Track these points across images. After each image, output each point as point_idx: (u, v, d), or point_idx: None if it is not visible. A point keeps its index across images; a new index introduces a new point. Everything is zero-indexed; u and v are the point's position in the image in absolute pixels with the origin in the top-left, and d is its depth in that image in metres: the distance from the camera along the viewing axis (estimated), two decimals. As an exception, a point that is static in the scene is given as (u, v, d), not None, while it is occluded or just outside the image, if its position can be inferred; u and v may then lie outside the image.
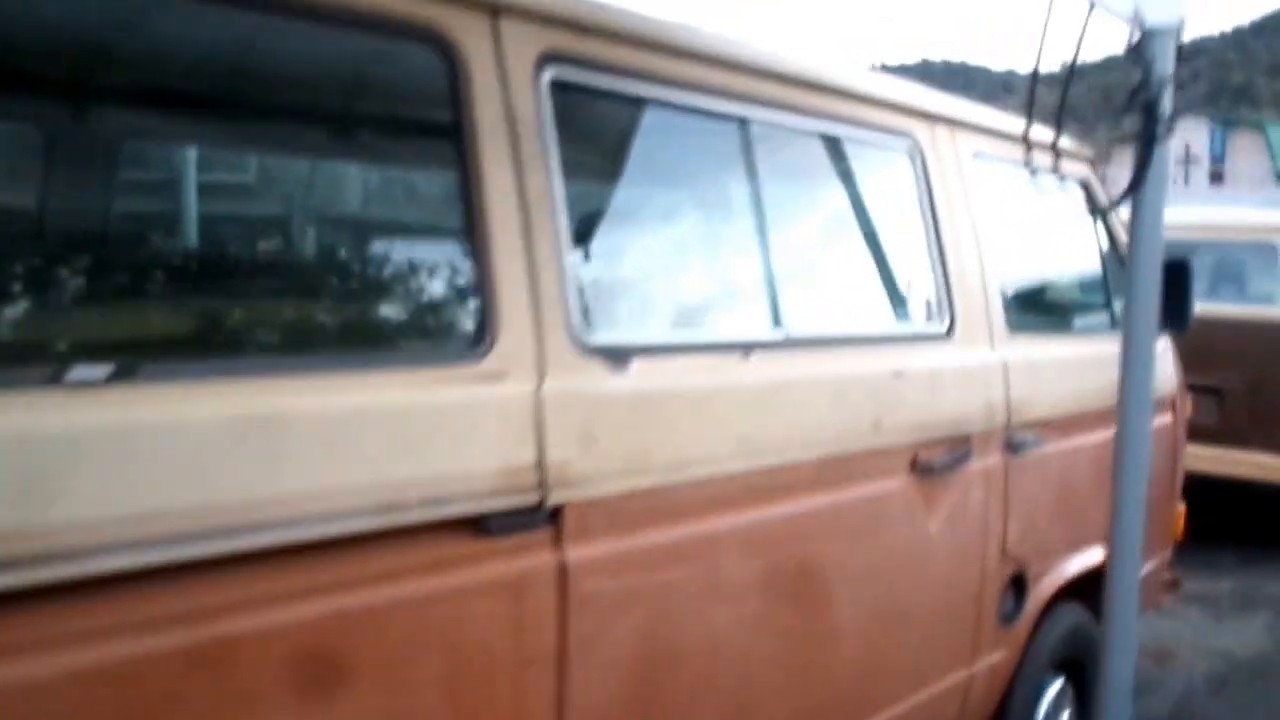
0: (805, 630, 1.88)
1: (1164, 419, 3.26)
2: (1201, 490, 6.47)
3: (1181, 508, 3.53)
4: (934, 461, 2.14)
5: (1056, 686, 2.81)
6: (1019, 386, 2.44)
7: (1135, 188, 1.59)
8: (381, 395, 1.29)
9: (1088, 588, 2.95)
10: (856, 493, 1.96)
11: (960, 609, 2.31)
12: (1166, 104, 1.55)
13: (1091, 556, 2.81)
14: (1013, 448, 2.42)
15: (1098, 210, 3.07)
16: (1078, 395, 2.71)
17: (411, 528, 1.30)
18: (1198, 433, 6.08)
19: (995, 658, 2.46)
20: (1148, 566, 3.24)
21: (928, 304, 2.29)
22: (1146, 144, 1.54)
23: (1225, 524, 6.47)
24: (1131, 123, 1.59)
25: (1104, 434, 2.83)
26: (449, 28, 1.42)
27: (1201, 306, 6.13)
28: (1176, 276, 2.92)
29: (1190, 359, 6.09)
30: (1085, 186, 3.06)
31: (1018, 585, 2.52)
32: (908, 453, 2.09)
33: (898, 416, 2.05)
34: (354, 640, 1.26)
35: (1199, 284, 6.39)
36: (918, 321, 2.28)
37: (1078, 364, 2.76)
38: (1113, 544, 1.69)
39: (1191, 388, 6.13)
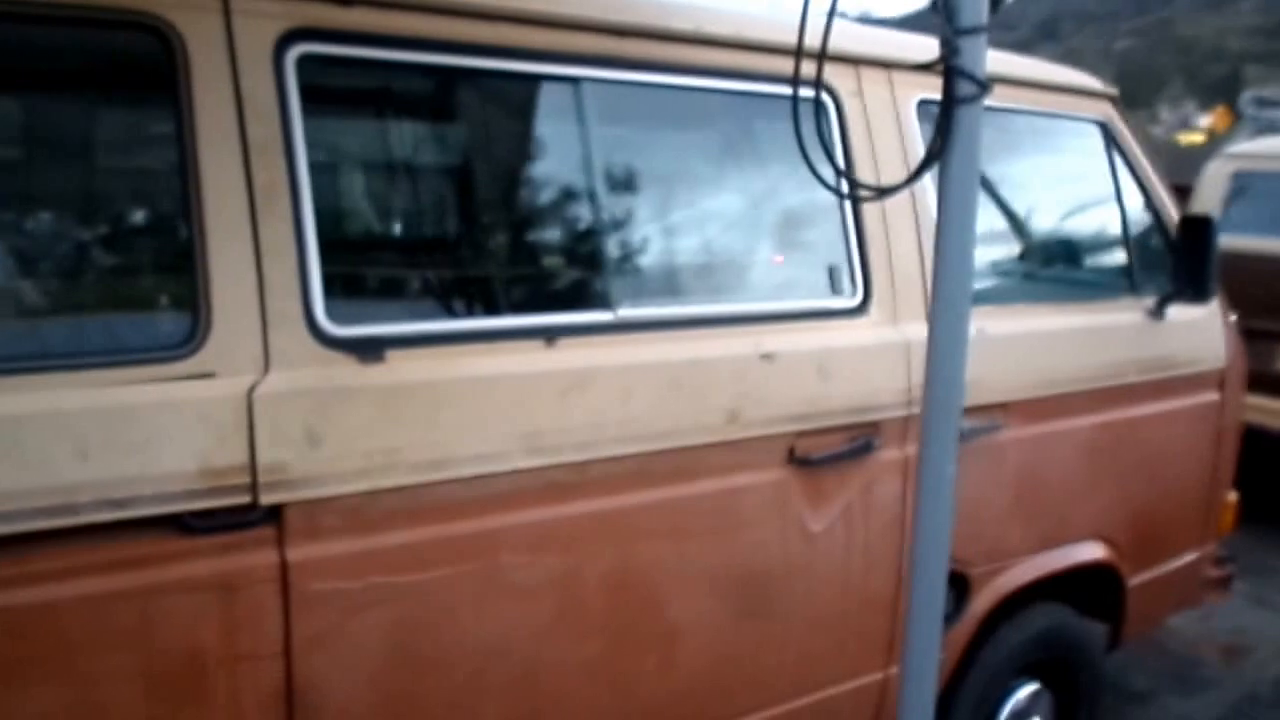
0: (626, 633, 1.77)
1: (1203, 398, 2.90)
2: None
3: (1232, 497, 3.15)
4: (818, 454, 1.97)
5: (1026, 692, 2.58)
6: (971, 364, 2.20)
7: (933, 159, 1.36)
8: (59, 397, 1.28)
9: (1079, 588, 2.70)
10: (700, 488, 1.82)
11: (867, 610, 2.14)
12: (975, 59, 1.32)
13: (1071, 554, 2.55)
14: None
15: (1118, 156, 2.71)
16: (1061, 374, 2.43)
17: (90, 527, 1.29)
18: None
19: (925, 661, 2.27)
20: (1173, 564, 2.93)
21: (833, 277, 2.09)
22: (945, 108, 1.32)
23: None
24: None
25: (1099, 417, 2.57)
26: (169, 9, 1.37)
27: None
28: (1197, 236, 2.57)
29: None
30: (1104, 129, 2.70)
31: (957, 585, 2.31)
32: (781, 444, 1.93)
33: (766, 405, 1.89)
34: (30, 634, 1.28)
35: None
36: (815, 297, 2.08)
37: (1068, 338, 2.47)
38: (914, 564, 1.49)
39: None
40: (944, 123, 1.34)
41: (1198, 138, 27.14)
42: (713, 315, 1.88)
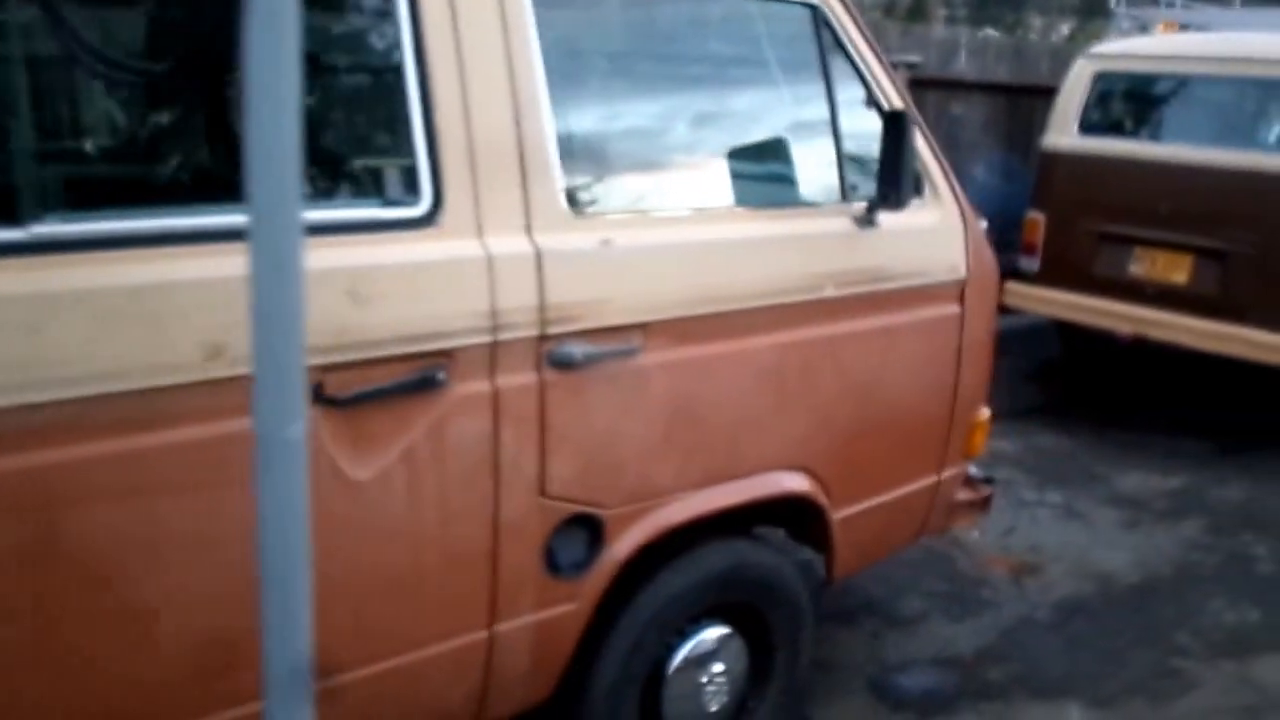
0: (72, 617, 1.49)
1: (935, 311, 2.63)
2: (1185, 366, 5.66)
3: (984, 415, 2.91)
4: (351, 391, 1.67)
5: (710, 635, 2.35)
6: (574, 283, 1.90)
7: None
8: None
9: (785, 520, 2.47)
10: (174, 438, 1.52)
11: (454, 566, 1.87)
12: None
13: (749, 488, 2.29)
14: (559, 362, 1.90)
15: (834, 45, 2.37)
16: (726, 289, 2.14)
17: None
18: (1193, 303, 5.26)
19: (548, 613, 2.02)
20: (900, 492, 2.70)
21: (384, 182, 1.76)
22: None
23: (1209, 411, 5.67)
24: None
25: (784, 336, 2.29)
26: None
27: (1208, 154, 5.24)
28: (892, 134, 2.26)
29: (1192, 215, 5.22)
30: (815, 13, 2.36)
31: (590, 529, 2.05)
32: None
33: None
34: None
35: (1208, 126, 5.46)
36: (351, 207, 1.75)
37: (735, 248, 2.17)
38: (262, 561, 1.18)
39: (1191, 249, 5.29)
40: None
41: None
42: (186, 230, 1.54)
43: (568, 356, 1.90)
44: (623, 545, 2.09)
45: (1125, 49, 5.75)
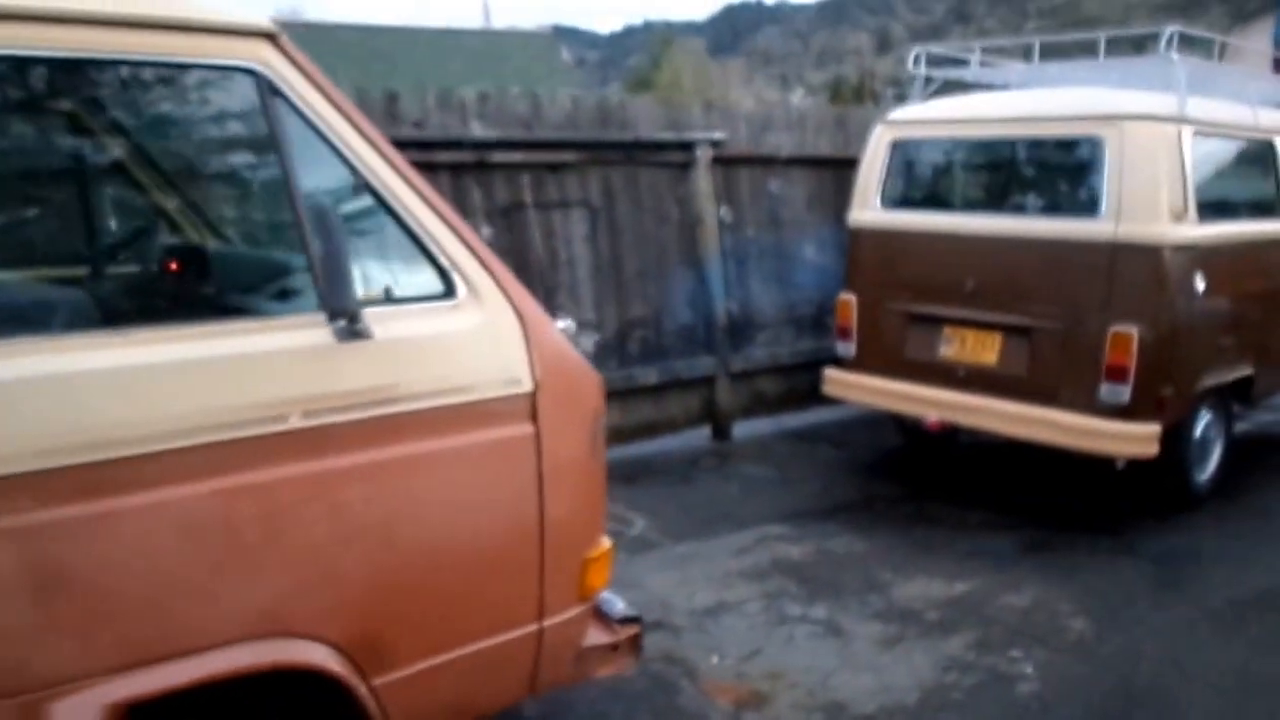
0: None
1: (495, 432, 2.23)
2: (1020, 451, 5.25)
3: (595, 550, 2.49)
4: None
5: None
6: None
7: None
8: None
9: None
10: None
11: None
12: None
13: (188, 668, 1.86)
14: None
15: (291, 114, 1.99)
16: (118, 428, 1.74)
17: None
18: (1004, 385, 4.87)
19: None
20: (479, 646, 2.27)
21: None
22: None
23: (1034, 497, 5.27)
24: None
25: (227, 480, 1.88)
26: None
27: (1006, 223, 4.91)
28: (320, 229, 1.90)
29: (997, 291, 4.86)
30: (258, 79, 1.98)
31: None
32: None
33: None
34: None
35: (1005, 193, 5.14)
36: None
37: (136, 378, 1.78)
38: None
39: (998, 327, 4.92)
40: None
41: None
42: None
43: None
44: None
45: (918, 114, 5.46)
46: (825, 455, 6.10)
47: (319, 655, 2.02)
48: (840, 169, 6.45)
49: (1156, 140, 4.42)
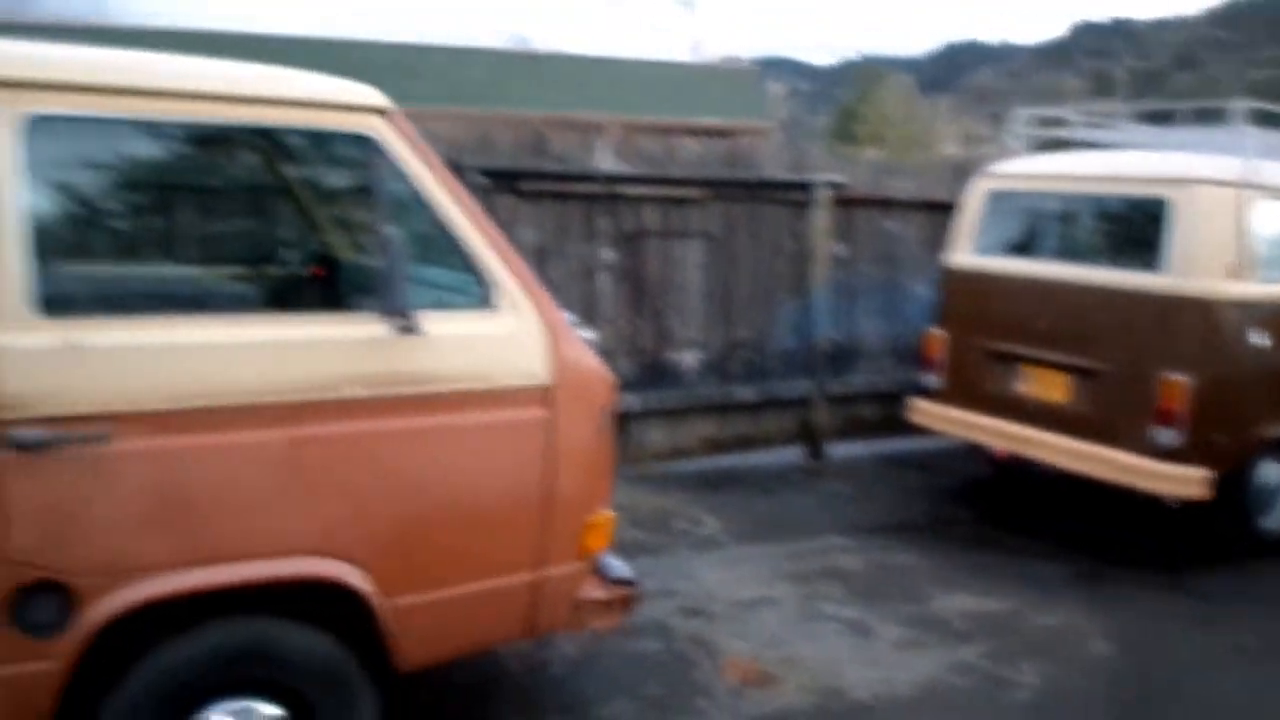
0: None
1: (508, 415, 2.83)
2: (1082, 491, 5.42)
3: (597, 518, 3.05)
4: None
5: (230, 708, 2.56)
6: (33, 376, 2.25)
7: None
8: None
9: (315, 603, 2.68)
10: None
11: None
12: None
13: (254, 569, 2.53)
14: (17, 445, 2.25)
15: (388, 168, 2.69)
16: (217, 384, 2.45)
17: None
18: (1071, 422, 5.09)
19: (17, 669, 2.31)
20: (480, 586, 2.87)
21: None
22: None
23: (1100, 528, 5.43)
24: None
25: (295, 430, 2.56)
26: None
27: (1081, 272, 5.15)
28: (384, 252, 2.57)
29: (1069, 333, 5.10)
30: (369, 143, 2.68)
31: (58, 595, 2.34)
32: None
33: None
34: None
35: (1084, 245, 5.36)
36: None
37: (232, 349, 2.47)
38: None
39: (1068, 368, 5.15)
40: None
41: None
42: None
43: (24, 440, 2.25)
44: (96, 612, 2.37)
45: (1017, 169, 5.77)
46: (909, 479, 6.41)
47: (351, 575, 2.65)
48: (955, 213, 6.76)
49: (1217, 202, 4.62)
